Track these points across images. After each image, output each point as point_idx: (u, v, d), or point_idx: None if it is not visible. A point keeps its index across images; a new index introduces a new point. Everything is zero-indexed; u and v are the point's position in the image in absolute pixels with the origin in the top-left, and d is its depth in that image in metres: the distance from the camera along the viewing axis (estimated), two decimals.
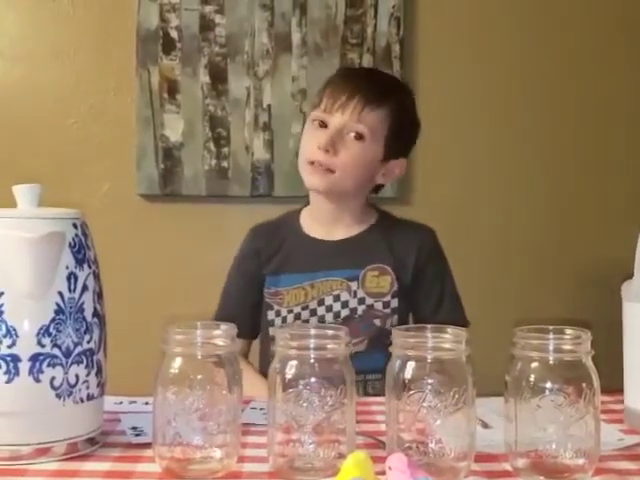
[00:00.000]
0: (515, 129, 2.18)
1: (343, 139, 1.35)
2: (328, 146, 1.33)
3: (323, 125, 1.37)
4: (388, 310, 1.38)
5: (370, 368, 1.31)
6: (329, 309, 1.35)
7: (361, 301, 1.37)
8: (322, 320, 1.36)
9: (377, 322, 1.37)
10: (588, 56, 2.18)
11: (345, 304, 1.37)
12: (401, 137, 1.42)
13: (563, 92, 2.18)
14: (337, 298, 1.37)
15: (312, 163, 1.35)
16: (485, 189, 2.18)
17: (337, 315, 1.37)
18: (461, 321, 1.39)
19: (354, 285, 1.37)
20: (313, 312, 1.38)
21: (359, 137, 1.35)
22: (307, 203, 1.48)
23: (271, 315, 1.41)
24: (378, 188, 1.49)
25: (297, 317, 1.38)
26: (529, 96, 2.17)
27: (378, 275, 1.39)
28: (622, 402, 1.03)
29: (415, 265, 1.41)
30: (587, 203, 2.20)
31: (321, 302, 1.37)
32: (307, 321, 1.37)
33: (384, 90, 1.40)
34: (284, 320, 1.39)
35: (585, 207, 2.20)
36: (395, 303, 1.38)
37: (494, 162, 2.18)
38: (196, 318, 0.88)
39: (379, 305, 1.38)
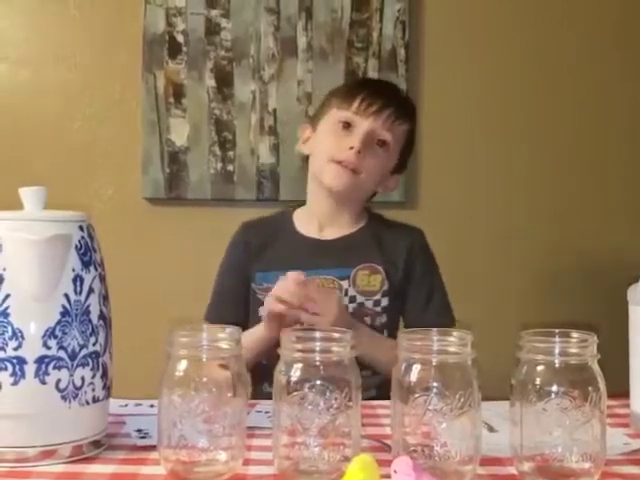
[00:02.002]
0: (521, 133, 2.18)
1: (371, 143, 1.39)
2: (361, 147, 1.37)
3: (348, 126, 1.40)
4: (378, 308, 1.40)
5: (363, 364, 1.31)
6: None
7: (352, 299, 1.39)
8: None
9: (367, 320, 1.39)
10: (592, 62, 2.18)
11: None
12: (408, 154, 1.49)
13: (570, 97, 2.18)
14: None
15: (339, 162, 1.37)
16: (490, 193, 2.18)
17: None
18: (449, 319, 1.43)
19: (345, 283, 1.39)
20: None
21: (383, 144, 1.40)
22: (301, 204, 1.51)
23: (262, 311, 1.40)
24: (372, 196, 1.53)
25: None
26: (535, 100, 2.17)
27: (369, 274, 1.40)
28: (628, 406, 1.03)
29: (405, 264, 1.43)
30: (592, 206, 2.19)
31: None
32: None
33: (411, 108, 1.49)
34: None
35: (589, 210, 2.19)
36: (385, 302, 1.40)
37: (499, 166, 2.17)
38: (201, 321, 0.88)
39: (369, 303, 1.40)
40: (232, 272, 1.49)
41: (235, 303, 1.45)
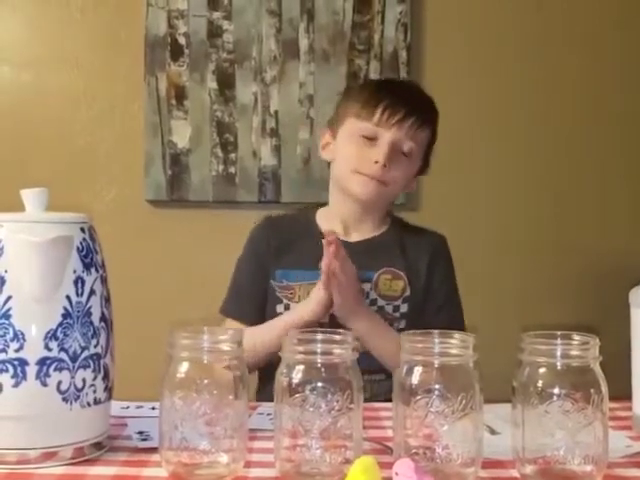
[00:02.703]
0: (522, 135, 2.18)
1: (396, 154, 1.38)
2: (387, 161, 1.35)
3: (371, 138, 1.37)
4: (397, 314, 1.39)
5: (376, 368, 1.33)
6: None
7: (373, 302, 1.38)
8: (333, 318, 1.34)
9: None
10: (592, 64, 2.18)
11: None
12: (430, 154, 1.48)
13: (571, 100, 2.18)
14: None
15: (365, 175, 1.37)
16: (490, 195, 2.18)
17: None
18: (461, 326, 1.42)
19: (367, 286, 1.38)
20: None
21: (406, 153, 1.39)
22: (320, 205, 1.50)
23: (280, 309, 1.41)
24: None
25: None
26: (535, 102, 2.17)
27: (391, 279, 1.40)
28: (630, 409, 1.03)
29: (427, 271, 1.43)
30: (593, 209, 2.20)
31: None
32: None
33: (433, 110, 1.46)
34: None
35: (591, 213, 2.19)
36: (405, 308, 1.40)
37: (500, 168, 2.18)
38: (203, 323, 0.88)
39: (389, 308, 1.39)
40: (252, 267, 1.46)
41: (253, 298, 1.43)
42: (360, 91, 1.46)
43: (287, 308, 1.41)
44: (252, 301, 1.43)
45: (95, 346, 0.88)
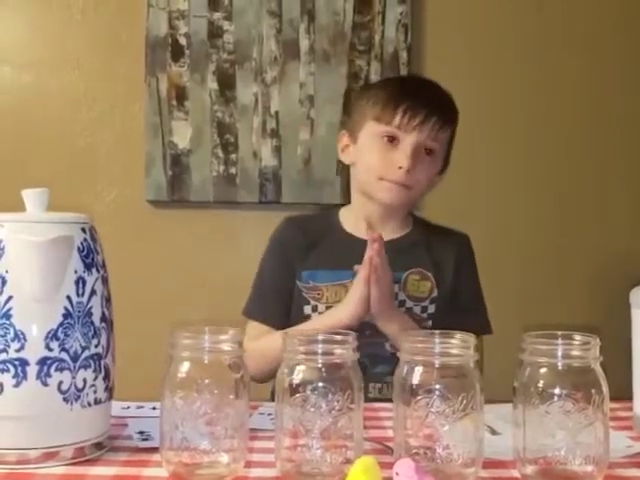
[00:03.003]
0: (523, 135, 2.18)
1: (419, 156, 1.36)
2: (411, 167, 1.34)
3: (392, 139, 1.36)
4: (425, 315, 1.39)
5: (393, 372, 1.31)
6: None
7: (401, 303, 1.37)
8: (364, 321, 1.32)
9: None
10: (593, 65, 2.18)
11: None
12: (450, 151, 1.45)
13: (571, 101, 2.18)
14: None
15: (391, 181, 1.35)
16: (492, 195, 2.18)
17: None
18: (486, 326, 1.43)
19: (395, 287, 1.36)
20: None
21: (429, 152, 1.37)
22: (343, 203, 1.49)
23: (307, 310, 1.39)
24: None
25: None
26: (536, 102, 2.17)
27: (419, 280, 1.39)
28: (631, 409, 1.03)
29: (454, 270, 1.43)
30: (594, 209, 2.20)
31: None
32: None
33: (454, 109, 1.43)
34: None
35: (592, 213, 2.19)
36: (432, 309, 1.39)
37: (501, 169, 2.18)
38: (204, 323, 0.88)
39: (417, 309, 1.39)
40: (277, 268, 1.44)
41: (279, 299, 1.41)
42: (377, 92, 1.42)
43: (315, 309, 1.39)
44: (277, 303, 1.41)
45: (96, 346, 0.88)
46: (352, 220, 1.45)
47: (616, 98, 2.19)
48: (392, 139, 1.35)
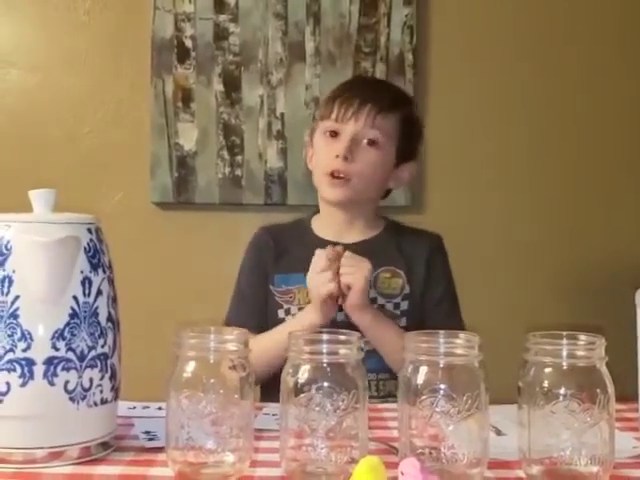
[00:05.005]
0: (527, 137, 2.17)
1: (358, 147, 1.38)
2: (347, 153, 1.36)
3: (335, 135, 1.40)
4: (398, 312, 1.40)
5: (381, 367, 1.34)
6: (341, 308, 1.34)
7: (373, 301, 1.38)
8: (334, 319, 1.35)
9: None
10: (597, 66, 2.18)
11: None
12: (411, 140, 1.47)
13: (576, 102, 2.18)
14: None
15: (331, 175, 1.38)
16: (496, 196, 2.18)
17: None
18: (457, 322, 1.43)
19: None
20: None
21: (372, 143, 1.39)
22: (316, 211, 1.51)
23: (281, 314, 1.41)
24: (387, 194, 1.53)
25: None
26: (541, 104, 2.17)
27: (390, 277, 1.41)
28: (636, 410, 1.02)
29: (425, 268, 1.43)
30: (598, 210, 2.19)
31: None
32: None
33: (394, 96, 1.46)
34: None
35: (596, 214, 2.19)
36: (405, 305, 1.41)
37: (505, 170, 2.17)
38: (209, 324, 0.88)
39: (390, 306, 1.40)
40: (251, 274, 1.48)
41: (254, 305, 1.44)
42: (325, 97, 1.51)
43: (288, 312, 1.41)
44: (254, 309, 1.44)
45: (102, 346, 0.88)
46: (322, 225, 1.48)
47: (621, 95, 2.18)
48: (334, 134, 1.39)
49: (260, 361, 1.19)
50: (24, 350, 0.84)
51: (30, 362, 0.84)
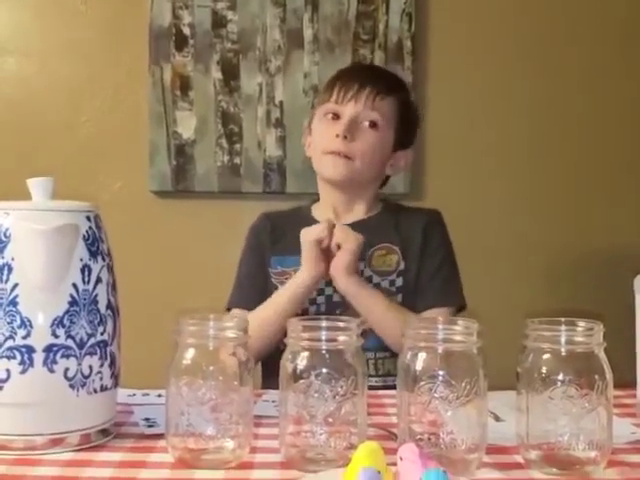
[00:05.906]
0: (527, 125, 2.17)
1: (358, 127, 1.40)
2: (346, 132, 1.38)
3: (336, 117, 1.42)
4: (393, 289, 1.40)
5: (379, 346, 1.35)
6: (330, 282, 1.35)
7: (368, 279, 1.38)
8: (329, 299, 1.36)
9: None
10: (600, 57, 2.17)
11: None
12: (409, 126, 1.49)
13: (577, 90, 2.18)
14: None
15: (331, 153, 1.39)
16: (496, 184, 2.17)
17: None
18: (456, 295, 1.43)
19: (361, 264, 1.38)
20: (320, 291, 1.39)
21: (373, 125, 1.41)
22: (316, 199, 1.52)
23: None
24: (385, 181, 1.54)
25: None
26: (541, 92, 2.16)
27: (385, 254, 1.42)
28: (634, 397, 1.03)
29: (421, 238, 1.44)
30: (597, 198, 2.19)
31: (329, 282, 1.36)
32: (314, 300, 1.38)
33: (393, 81, 1.50)
34: None
35: (595, 202, 2.19)
36: (400, 282, 1.41)
37: (505, 158, 2.17)
38: (208, 312, 0.88)
39: (385, 283, 1.40)
40: (250, 257, 1.50)
41: (254, 288, 1.45)
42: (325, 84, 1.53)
43: None
44: (254, 292, 1.44)
45: (102, 333, 0.88)
46: (321, 210, 1.49)
47: (622, 90, 2.18)
48: (335, 116, 1.42)
49: (261, 331, 1.22)
50: (24, 337, 0.84)
51: (30, 349, 0.84)
